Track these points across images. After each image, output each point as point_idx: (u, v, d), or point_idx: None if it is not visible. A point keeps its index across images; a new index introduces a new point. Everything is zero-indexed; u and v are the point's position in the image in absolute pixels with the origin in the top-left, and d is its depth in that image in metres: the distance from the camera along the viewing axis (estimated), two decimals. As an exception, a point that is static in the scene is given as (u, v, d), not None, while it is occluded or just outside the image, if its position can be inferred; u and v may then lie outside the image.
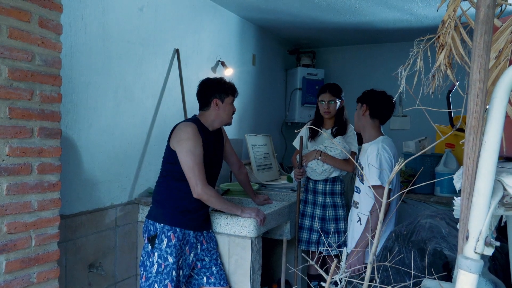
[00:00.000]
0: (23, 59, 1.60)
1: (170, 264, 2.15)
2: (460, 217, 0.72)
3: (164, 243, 2.17)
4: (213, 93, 2.32)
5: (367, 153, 2.37)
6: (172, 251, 2.16)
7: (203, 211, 2.32)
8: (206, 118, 2.33)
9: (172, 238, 2.17)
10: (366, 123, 2.46)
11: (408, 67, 0.97)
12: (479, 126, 0.67)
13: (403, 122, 4.70)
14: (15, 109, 1.59)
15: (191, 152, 2.14)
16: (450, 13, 0.88)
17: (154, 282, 2.15)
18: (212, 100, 2.31)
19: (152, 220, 2.22)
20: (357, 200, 2.47)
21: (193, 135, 2.17)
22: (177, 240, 2.18)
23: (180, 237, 2.20)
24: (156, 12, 2.86)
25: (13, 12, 1.56)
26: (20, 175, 1.62)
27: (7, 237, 1.58)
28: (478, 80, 0.64)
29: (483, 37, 0.62)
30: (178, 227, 2.20)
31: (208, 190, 2.17)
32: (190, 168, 2.14)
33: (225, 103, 2.32)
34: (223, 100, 2.32)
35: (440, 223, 1.59)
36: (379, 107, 2.45)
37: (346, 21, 3.93)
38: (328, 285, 1.03)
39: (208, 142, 2.29)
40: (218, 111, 2.32)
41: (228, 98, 2.34)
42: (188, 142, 2.15)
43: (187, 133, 2.18)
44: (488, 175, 0.67)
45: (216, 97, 2.31)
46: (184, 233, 2.22)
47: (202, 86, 2.37)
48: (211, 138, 2.34)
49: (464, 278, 0.67)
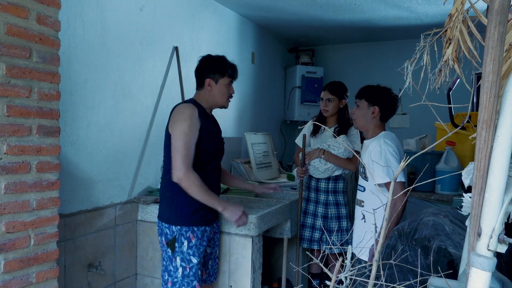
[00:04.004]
0: (21, 56, 1.58)
1: (194, 265, 2.09)
2: (471, 213, 0.71)
3: (185, 246, 2.08)
4: (208, 72, 2.16)
5: (368, 149, 2.31)
6: (194, 251, 2.10)
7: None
8: (200, 98, 2.19)
9: (191, 238, 2.09)
10: (373, 123, 2.37)
11: (414, 62, 0.96)
12: (491, 120, 0.65)
13: (402, 120, 4.69)
14: (13, 107, 1.56)
15: (183, 133, 1.99)
16: (458, 6, 0.87)
17: (182, 285, 2.08)
18: (206, 80, 2.16)
19: (166, 223, 2.11)
20: (362, 198, 2.41)
21: (190, 117, 2.03)
22: (197, 239, 2.11)
23: (199, 235, 2.12)
24: (155, 9, 2.84)
25: (10, 8, 1.54)
26: (19, 174, 1.60)
27: (5, 237, 1.56)
28: (492, 72, 0.62)
29: (497, 28, 0.61)
30: (196, 226, 2.11)
31: (191, 176, 1.98)
32: (178, 149, 1.99)
33: (219, 84, 2.16)
34: (217, 80, 2.15)
35: (444, 221, 1.57)
36: (390, 110, 2.38)
37: (345, 19, 3.92)
38: (333, 284, 1.02)
39: (209, 125, 2.17)
40: (211, 92, 2.16)
41: (223, 79, 2.16)
42: (183, 124, 2.01)
43: (184, 114, 2.04)
44: (501, 170, 0.65)
45: (210, 77, 2.15)
46: (203, 230, 2.14)
47: (199, 63, 2.23)
48: (210, 121, 2.21)
49: (477, 276, 0.65)
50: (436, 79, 1.02)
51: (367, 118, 2.36)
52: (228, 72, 2.17)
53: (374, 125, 2.37)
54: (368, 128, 2.39)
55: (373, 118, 2.35)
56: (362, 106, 2.37)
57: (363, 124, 2.40)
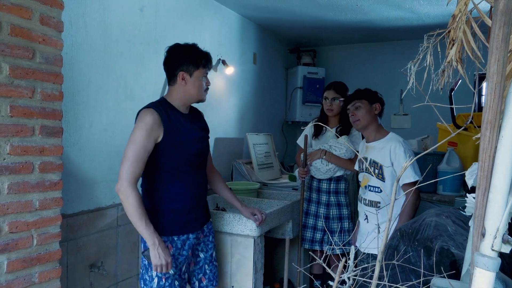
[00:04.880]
0: (24, 56, 1.59)
1: (171, 275, 1.97)
2: (475, 214, 0.71)
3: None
4: (179, 64, 1.95)
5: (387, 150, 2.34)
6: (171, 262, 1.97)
7: (201, 205, 2.11)
8: (173, 95, 2.00)
9: (169, 248, 1.97)
10: (375, 121, 2.46)
11: (417, 63, 0.96)
12: (496, 120, 0.66)
13: (404, 120, 4.69)
14: (16, 107, 1.57)
15: (134, 142, 1.85)
16: (461, 7, 0.87)
17: None
18: (178, 73, 1.95)
19: None
20: (377, 199, 2.40)
21: (146, 125, 1.86)
22: (175, 249, 1.99)
23: (179, 245, 2.01)
24: (157, 10, 2.84)
25: (14, 9, 1.54)
26: (22, 174, 1.61)
27: (8, 237, 1.56)
28: (496, 73, 0.63)
29: (502, 29, 0.61)
30: (176, 235, 1.99)
31: (132, 192, 1.82)
32: (126, 158, 1.84)
33: (194, 77, 1.95)
34: (191, 73, 1.95)
35: (446, 221, 1.57)
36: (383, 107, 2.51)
37: (347, 19, 3.92)
38: (336, 284, 1.02)
39: (179, 126, 1.97)
40: (185, 87, 1.96)
41: (198, 71, 1.96)
42: (137, 132, 1.86)
43: (140, 121, 1.88)
44: (506, 171, 0.65)
45: (183, 70, 1.95)
46: (183, 239, 2.03)
47: (168, 54, 2.00)
48: (183, 121, 2.00)
49: (481, 276, 0.65)
50: (439, 79, 1.02)
51: (372, 115, 2.44)
52: (202, 62, 1.97)
53: (376, 124, 2.46)
54: (372, 127, 2.45)
55: (376, 115, 2.46)
56: (364, 106, 2.44)
57: (368, 122, 2.44)
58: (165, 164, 1.95)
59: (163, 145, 1.92)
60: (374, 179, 2.41)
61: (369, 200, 2.44)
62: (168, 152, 1.94)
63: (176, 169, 1.98)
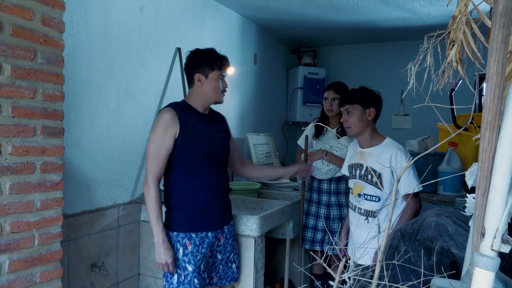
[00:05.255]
0: (25, 57, 1.59)
1: (190, 272, 2.02)
2: (475, 214, 0.71)
3: (180, 252, 2.03)
4: (196, 67, 2.05)
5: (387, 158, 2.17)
6: (190, 259, 2.03)
7: (220, 204, 2.14)
8: (192, 97, 2.10)
9: (188, 245, 2.03)
10: (369, 127, 2.28)
11: (417, 63, 0.96)
12: (495, 121, 0.66)
13: (404, 121, 4.69)
14: (18, 108, 1.57)
15: (153, 140, 1.97)
16: (461, 8, 0.87)
17: None
18: (195, 76, 2.05)
19: (166, 229, 2.05)
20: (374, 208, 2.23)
21: (163, 122, 1.97)
22: (193, 246, 2.03)
23: (197, 242, 2.04)
24: (157, 11, 2.85)
25: (15, 10, 1.55)
26: (23, 174, 1.61)
27: (10, 237, 1.57)
28: (496, 74, 0.63)
29: (501, 30, 0.61)
30: (193, 232, 2.04)
31: (151, 187, 1.96)
32: (148, 155, 1.99)
33: (209, 79, 2.05)
34: (207, 75, 2.04)
35: (447, 222, 1.58)
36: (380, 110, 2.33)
37: (348, 19, 3.92)
38: (337, 284, 1.02)
39: (196, 124, 2.05)
40: (202, 88, 2.06)
41: (213, 73, 2.05)
42: (155, 130, 1.99)
43: (158, 120, 2.00)
44: (505, 171, 0.66)
45: (198, 72, 2.05)
46: (202, 237, 2.06)
47: (187, 59, 2.12)
48: (201, 121, 2.08)
49: (481, 276, 0.66)
50: (439, 80, 1.02)
51: (364, 122, 2.26)
52: (217, 65, 2.06)
53: (371, 129, 2.29)
54: (365, 133, 2.28)
55: (370, 121, 2.27)
56: (356, 112, 2.25)
57: (360, 129, 2.27)
58: (182, 160, 2.02)
59: (180, 141, 2.00)
60: (371, 187, 2.23)
61: (364, 210, 2.27)
62: (184, 148, 2.01)
63: (193, 166, 2.04)
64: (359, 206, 2.30)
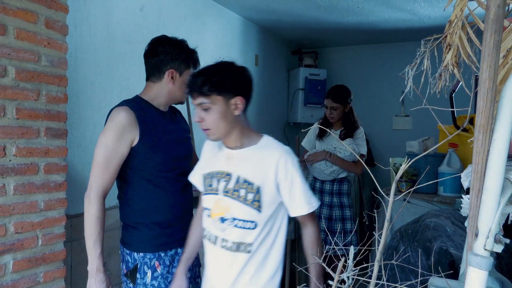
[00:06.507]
0: (29, 59, 1.61)
1: None
2: (469, 214, 0.73)
3: (148, 277, 1.67)
4: (170, 61, 1.70)
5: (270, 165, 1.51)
6: (160, 282, 1.68)
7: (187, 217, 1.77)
8: (154, 93, 1.72)
9: (157, 267, 1.68)
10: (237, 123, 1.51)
11: (415, 67, 0.98)
12: (488, 124, 0.68)
13: (405, 122, 4.71)
14: (22, 110, 1.60)
15: (103, 145, 1.59)
16: (457, 13, 0.89)
17: None
18: (168, 71, 1.69)
19: (128, 249, 1.71)
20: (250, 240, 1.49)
21: (118, 125, 1.59)
22: (163, 267, 1.69)
23: (168, 262, 1.70)
24: (159, 12, 2.87)
25: (19, 13, 1.57)
26: (27, 175, 1.63)
27: (14, 237, 1.59)
28: (488, 79, 0.65)
29: (493, 36, 0.63)
30: (162, 251, 1.69)
31: (95, 204, 1.58)
32: (95, 163, 1.62)
33: (182, 77, 1.71)
34: (181, 72, 1.71)
35: (445, 222, 1.59)
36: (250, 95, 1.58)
37: (349, 21, 3.94)
38: (336, 284, 1.04)
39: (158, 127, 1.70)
40: (172, 87, 1.70)
41: (187, 71, 1.72)
42: (107, 133, 1.59)
43: (112, 121, 1.61)
44: (498, 173, 0.68)
45: (173, 68, 1.70)
46: (171, 255, 1.72)
47: (153, 47, 1.74)
48: (163, 121, 1.74)
49: (474, 275, 0.68)
50: (436, 83, 1.04)
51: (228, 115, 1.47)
52: (192, 61, 1.77)
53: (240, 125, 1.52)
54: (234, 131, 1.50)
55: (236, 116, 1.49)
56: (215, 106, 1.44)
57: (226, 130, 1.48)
58: (143, 171, 1.68)
59: (140, 149, 1.64)
60: (244, 207, 1.46)
61: (232, 242, 1.47)
62: (145, 156, 1.66)
63: (156, 176, 1.69)
64: (223, 236, 1.49)
